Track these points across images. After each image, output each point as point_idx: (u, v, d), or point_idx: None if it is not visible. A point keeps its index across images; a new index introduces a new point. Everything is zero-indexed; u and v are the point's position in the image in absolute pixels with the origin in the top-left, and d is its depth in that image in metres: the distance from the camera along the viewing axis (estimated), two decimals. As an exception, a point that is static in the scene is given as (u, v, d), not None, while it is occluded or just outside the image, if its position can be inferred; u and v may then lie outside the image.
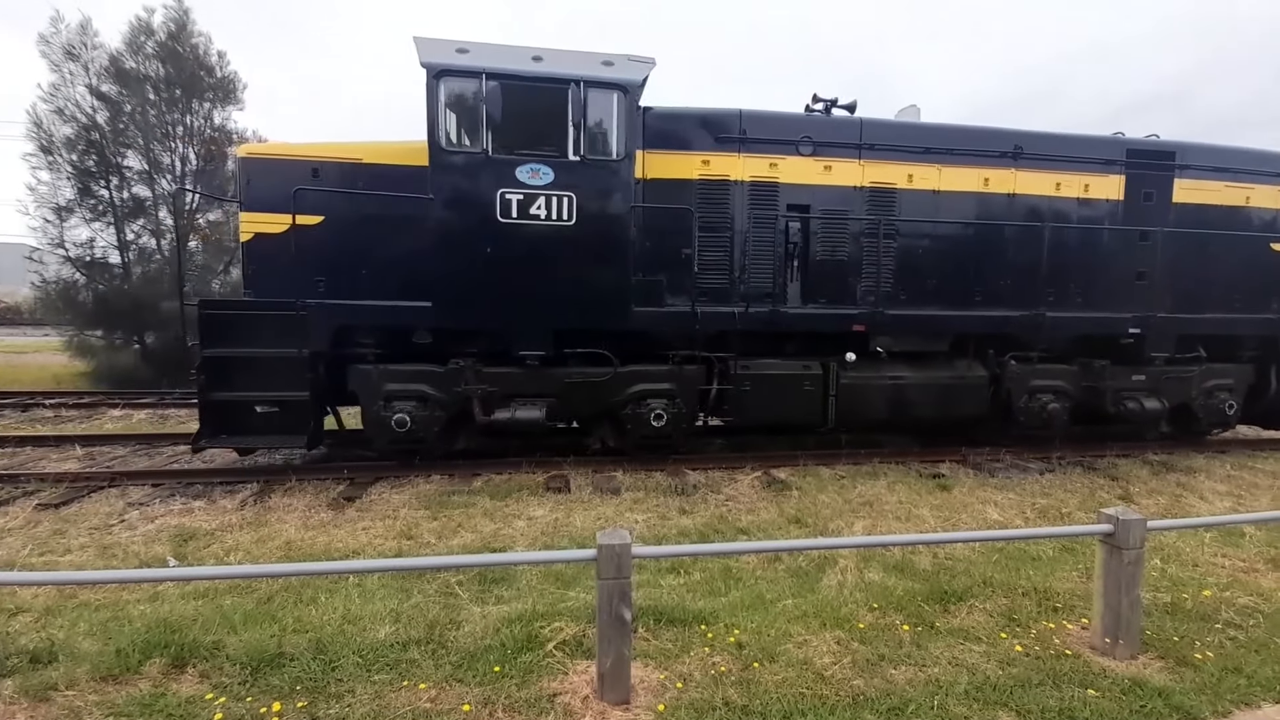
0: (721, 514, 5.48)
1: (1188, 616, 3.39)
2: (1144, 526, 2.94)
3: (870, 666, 2.84)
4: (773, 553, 4.22)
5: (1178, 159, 7.64)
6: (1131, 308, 7.44)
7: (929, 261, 7.13)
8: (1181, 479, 6.74)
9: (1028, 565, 4.12)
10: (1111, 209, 7.51)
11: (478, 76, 5.78)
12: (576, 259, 6.09)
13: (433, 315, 6.04)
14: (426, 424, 6.13)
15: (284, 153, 6.22)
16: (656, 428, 6.50)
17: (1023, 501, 5.88)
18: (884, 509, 5.65)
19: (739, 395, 6.70)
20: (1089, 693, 2.64)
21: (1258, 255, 7.78)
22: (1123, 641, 2.94)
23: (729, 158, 6.67)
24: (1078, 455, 7.52)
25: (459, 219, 5.93)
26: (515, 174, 5.89)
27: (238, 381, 5.81)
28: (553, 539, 4.78)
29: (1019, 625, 3.25)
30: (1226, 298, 7.71)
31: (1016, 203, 7.31)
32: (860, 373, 6.93)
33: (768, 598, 3.65)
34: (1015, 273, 7.21)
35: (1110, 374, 7.39)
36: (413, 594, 3.65)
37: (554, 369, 6.35)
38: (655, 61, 6.31)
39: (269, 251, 5.99)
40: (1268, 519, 4.20)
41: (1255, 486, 6.54)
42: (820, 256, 6.93)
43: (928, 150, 7.09)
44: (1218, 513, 5.49)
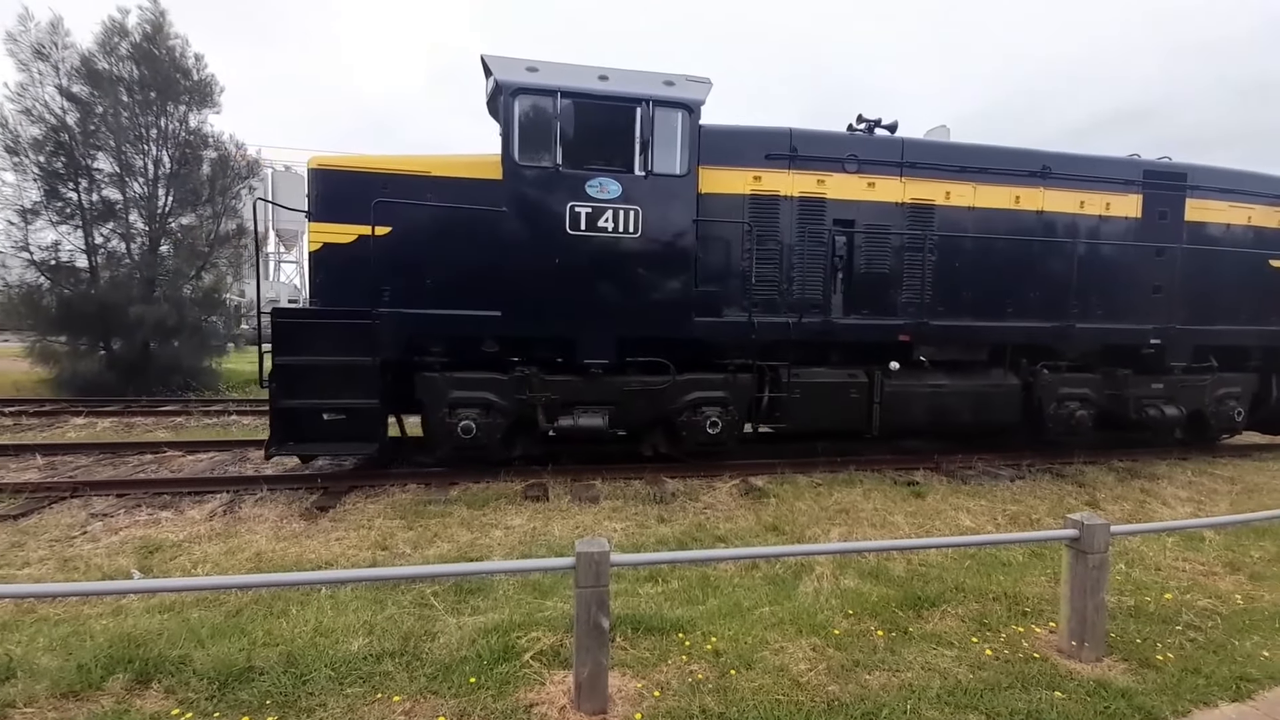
0: (700, 522, 5.50)
1: (1150, 619, 3.50)
2: (1108, 531, 3.03)
3: (845, 672, 2.88)
4: (750, 560, 4.25)
5: (1189, 180, 8.10)
6: (1152, 320, 7.83)
7: (966, 274, 7.40)
8: (1145, 485, 6.95)
9: (998, 570, 4.21)
10: (1130, 226, 7.89)
11: (552, 95, 6.02)
12: (641, 270, 6.36)
13: (502, 324, 6.19)
14: (489, 431, 6.23)
15: (354, 165, 6.33)
16: (712, 435, 6.65)
17: (994, 508, 6.00)
18: (860, 516, 5.73)
19: (790, 403, 6.89)
20: (1056, 695, 2.71)
21: (1259, 271, 8.29)
22: (1088, 644, 3.02)
23: (779, 174, 6.92)
24: (1046, 462, 7.72)
25: (530, 230, 6.15)
26: (585, 188, 6.16)
27: (307, 389, 5.83)
28: (530, 548, 4.75)
29: (990, 629, 3.32)
30: (1233, 311, 8.17)
31: (1045, 219, 7.66)
32: (903, 381, 7.17)
33: (745, 605, 3.67)
34: (1046, 286, 7.54)
35: (1132, 383, 7.75)
36: (387, 605, 3.59)
37: (613, 377, 6.52)
38: (712, 82, 6.64)
39: (337, 261, 6.06)
40: (1226, 523, 4.37)
41: (1214, 492, 6.77)
42: (865, 269, 7.19)
43: (963, 169, 7.43)
44: (1179, 518, 5.67)
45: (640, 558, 2.96)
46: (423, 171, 6.23)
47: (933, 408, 7.32)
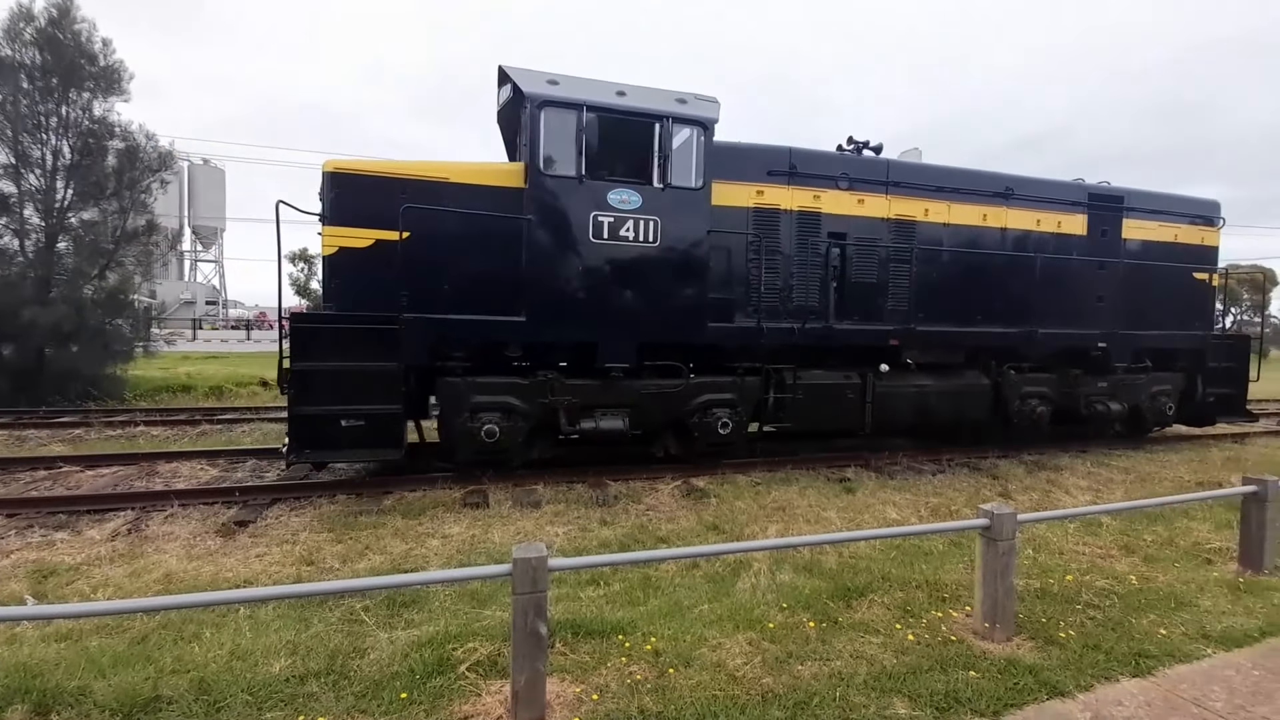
0: (642, 524, 5.53)
1: (1054, 600, 3.78)
2: (1015, 520, 3.26)
3: (779, 664, 2.96)
4: (690, 559, 4.30)
5: (1125, 202, 9.19)
6: (1098, 326, 8.84)
7: (944, 284, 8.09)
8: (1051, 476, 7.52)
9: (921, 559, 4.45)
10: (1078, 242, 8.88)
11: (578, 108, 6.26)
12: (659, 278, 6.62)
13: (528, 329, 6.32)
14: (512, 435, 6.32)
15: (371, 170, 6.27)
16: (723, 435, 6.99)
17: (918, 501, 6.34)
18: (796, 512, 5.91)
19: (794, 403, 7.33)
20: (970, 674, 2.88)
21: (1184, 282, 9.45)
22: (999, 625, 3.24)
23: (780, 189, 7.39)
24: (965, 457, 8.22)
25: (556, 238, 6.33)
26: (607, 198, 6.40)
27: (328, 395, 5.73)
28: (469, 556, 4.63)
29: (912, 616, 3.50)
30: (1163, 317, 9.23)
31: (1008, 236, 8.56)
32: (892, 382, 7.80)
33: (685, 604, 3.71)
34: (1011, 295, 8.35)
35: (1083, 382, 8.76)
36: (313, 623, 3.42)
37: (631, 381, 6.75)
38: (719, 101, 7.01)
39: (353, 266, 6.02)
40: (1121, 509, 4.78)
41: (1111, 481, 7.40)
42: (856, 278, 7.71)
43: (940, 189, 8.17)
44: (1080, 505, 6.16)
45: (579, 561, 2.95)
46: (441, 178, 6.25)
47: (918, 406, 7.96)
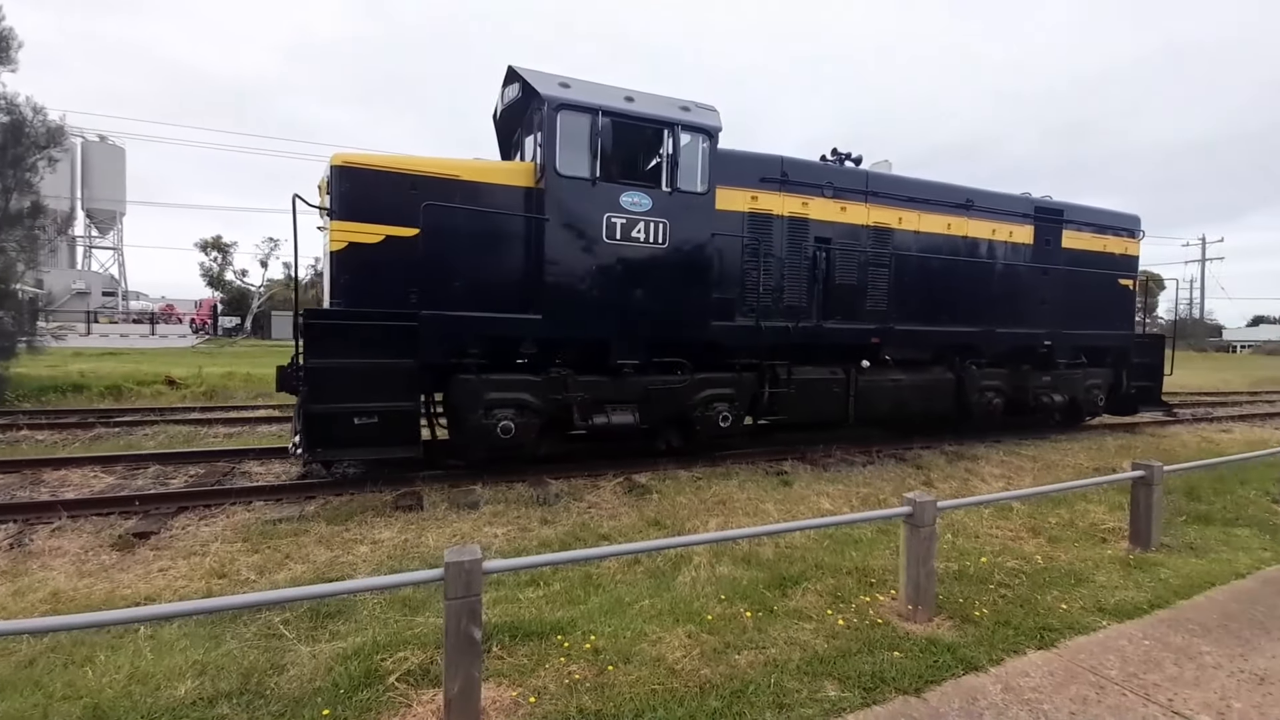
0: (584, 521, 5.48)
1: (971, 581, 4.02)
2: (935, 507, 3.44)
3: (717, 655, 3.00)
4: (628, 555, 4.30)
5: (1065, 215, 10.19)
6: (1043, 325, 9.79)
7: (917, 287, 8.71)
8: (969, 465, 8.03)
9: (851, 547, 4.64)
10: (1026, 251, 9.83)
11: (593, 113, 6.38)
12: (668, 278, 6.84)
13: (544, 327, 6.40)
14: (526, 430, 6.38)
15: (382, 164, 6.14)
16: (724, 428, 7.33)
17: (849, 491, 6.61)
18: (735, 506, 6.03)
19: (787, 397, 7.74)
20: (894, 654, 3.02)
21: (1112, 288, 10.63)
22: (922, 607, 3.41)
23: (773, 195, 7.76)
24: (893, 449, 8.65)
25: (570, 238, 6.40)
26: (619, 200, 6.56)
27: (343, 392, 5.58)
28: (401, 562, 4.44)
29: (843, 602, 3.63)
30: (1096, 318, 10.29)
31: (969, 244, 9.33)
32: (872, 377, 8.32)
33: (626, 601, 3.70)
34: (973, 297, 9.20)
35: (1031, 376, 9.69)
36: (225, 641, 3.17)
37: (639, 377, 6.95)
38: (718, 110, 7.26)
39: (362, 261, 5.93)
40: (1029, 494, 5.14)
41: (1020, 469, 7.99)
42: (840, 280, 8.17)
43: (911, 199, 8.82)
44: (994, 492, 6.61)
45: (516, 563, 2.86)
46: (453, 175, 6.28)
47: (894, 399, 8.55)
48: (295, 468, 7.03)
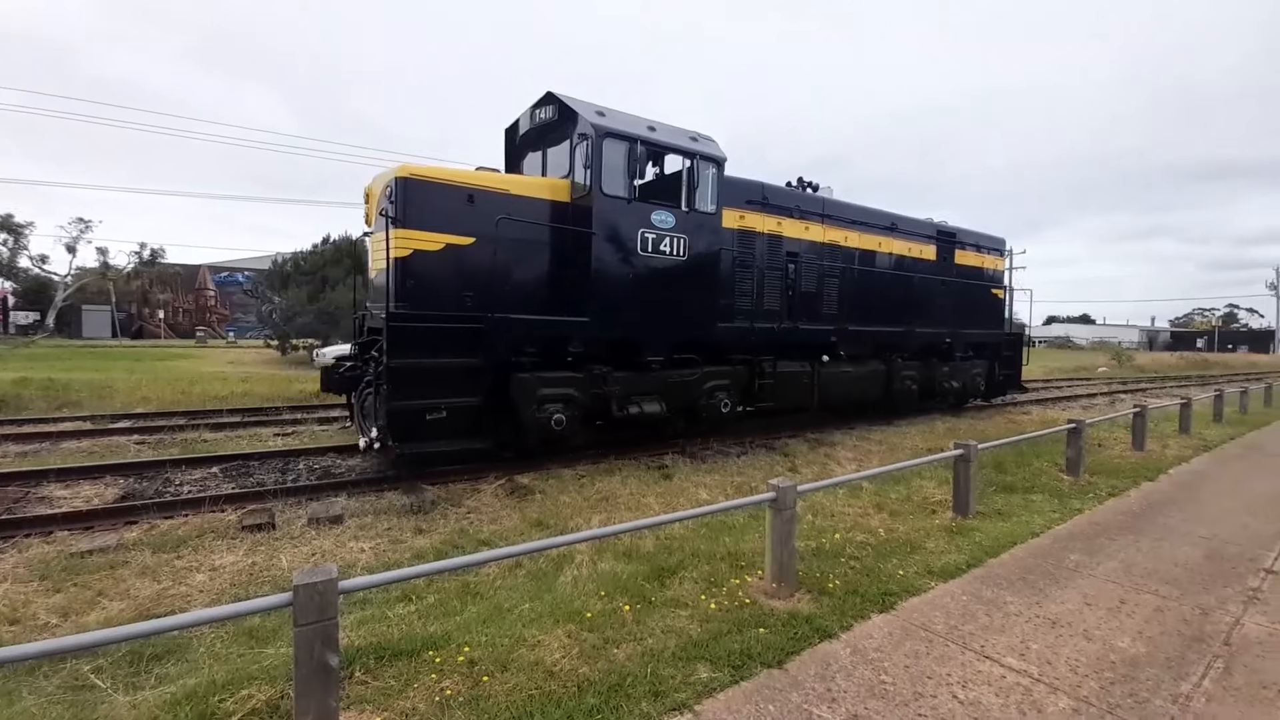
0: (462, 528, 5.27)
1: (826, 556, 4.42)
2: (795, 491, 3.74)
3: (596, 652, 3.03)
4: (508, 559, 4.20)
5: (957, 237, 12.76)
6: (945, 326, 12.20)
7: (859, 294, 10.56)
8: (827, 451, 8.82)
9: (725, 534, 4.91)
10: (931, 266, 12.11)
11: (631, 141, 7.26)
12: (686, 287, 7.86)
13: (591, 328, 7.15)
14: (573, 422, 6.98)
15: (442, 177, 6.64)
16: (724, 414, 8.44)
17: (725, 481, 6.98)
18: (618, 501, 6.12)
19: (771, 387, 9.01)
20: (760, 631, 3.25)
21: (987, 297, 13.54)
22: (784, 584, 3.70)
23: (756, 215, 9.10)
24: (764, 439, 9.27)
25: (612, 250, 7.19)
26: (650, 218, 7.47)
27: (420, 390, 5.99)
28: (248, 589, 3.99)
29: (716, 586, 3.83)
30: (977, 321, 13.08)
31: (894, 259, 11.39)
32: (831, 369, 9.96)
33: (506, 607, 3.61)
34: (899, 302, 11.28)
35: (936, 367, 12.01)
36: (20, 697, 2.66)
37: (660, 372, 7.87)
38: (716, 140, 8.39)
39: (424, 268, 6.36)
40: (875, 474, 5.74)
41: (870, 452, 8.91)
42: (805, 289, 9.81)
43: (854, 221, 10.67)
44: (847, 473, 7.31)
45: (377, 579, 2.67)
46: (503, 189, 6.91)
47: (846, 387, 10.23)
48: (113, 489, 6.06)
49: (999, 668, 2.98)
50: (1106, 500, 6.10)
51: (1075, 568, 4.29)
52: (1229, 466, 7.86)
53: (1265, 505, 6.00)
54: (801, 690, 2.76)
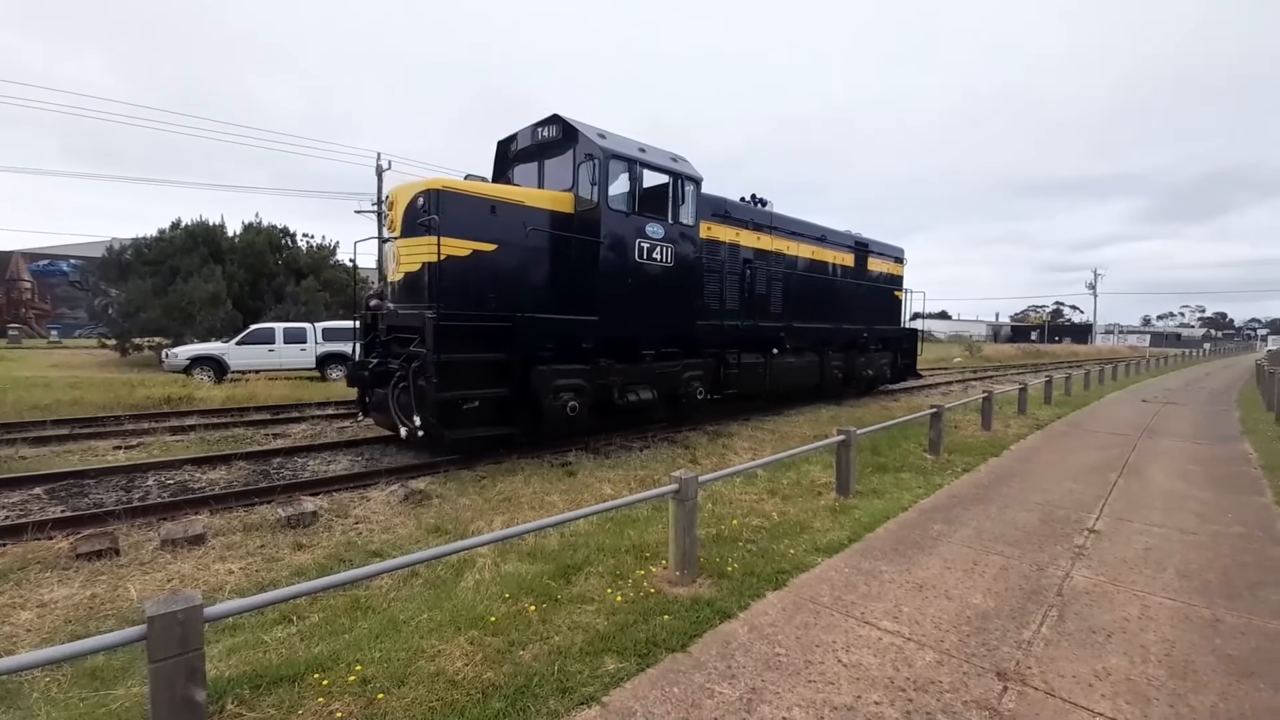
0: (350, 540, 4.91)
1: (725, 541, 4.62)
2: (696, 481, 3.88)
3: (501, 655, 2.95)
4: (402, 569, 3.98)
5: (869, 247, 14.79)
6: (862, 323, 14.21)
7: (800, 295, 12.23)
8: (725, 442, 9.20)
9: (630, 527, 4.97)
10: (850, 271, 14.02)
11: (630, 162, 8.24)
12: (672, 289, 8.91)
13: (599, 327, 8.01)
14: (582, 409, 7.79)
15: (471, 190, 7.36)
16: (699, 400, 9.60)
17: (629, 475, 7.06)
18: (521, 501, 6.00)
19: (736, 376, 10.34)
20: (665, 618, 3.33)
21: (890, 298, 15.71)
22: (687, 571, 3.82)
23: (720, 227, 10.38)
24: (665, 433, 9.50)
25: (616, 257, 8.11)
26: (645, 229, 8.46)
27: (459, 382, 6.75)
28: (88, 624, 3.46)
29: (622, 579, 3.87)
30: (883, 319, 15.24)
31: (824, 265, 13.27)
32: (780, 360, 11.48)
33: (402, 619, 3.42)
34: (829, 303, 13.13)
35: (856, 358, 14.05)
36: None
37: (651, 364, 8.86)
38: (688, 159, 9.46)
39: (455, 271, 6.94)
40: (767, 462, 6.06)
41: (763, 442, 9.40)
42: (759, 291, 11.24)
43: (793, 233, 12.26)
44: (743, 463, 7.69)
45: (247, 602, 2.40)
46: (518, 200, 7.67)
47: (791, 376, 11.85)
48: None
49: (876, 630, 3.28)
50: (962, 475, 6.90)
51: (938, 536, 4.81)
52: (1057, 442, 9.19)
53: (1086, 474, 7.08)
54: (704, 670, 2.87)
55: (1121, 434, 9.94)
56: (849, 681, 2.80)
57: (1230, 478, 6.99)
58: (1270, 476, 7.02)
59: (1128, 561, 4.34)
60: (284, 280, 24.27)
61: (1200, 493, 6.29)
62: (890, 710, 2.59)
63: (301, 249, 27.04)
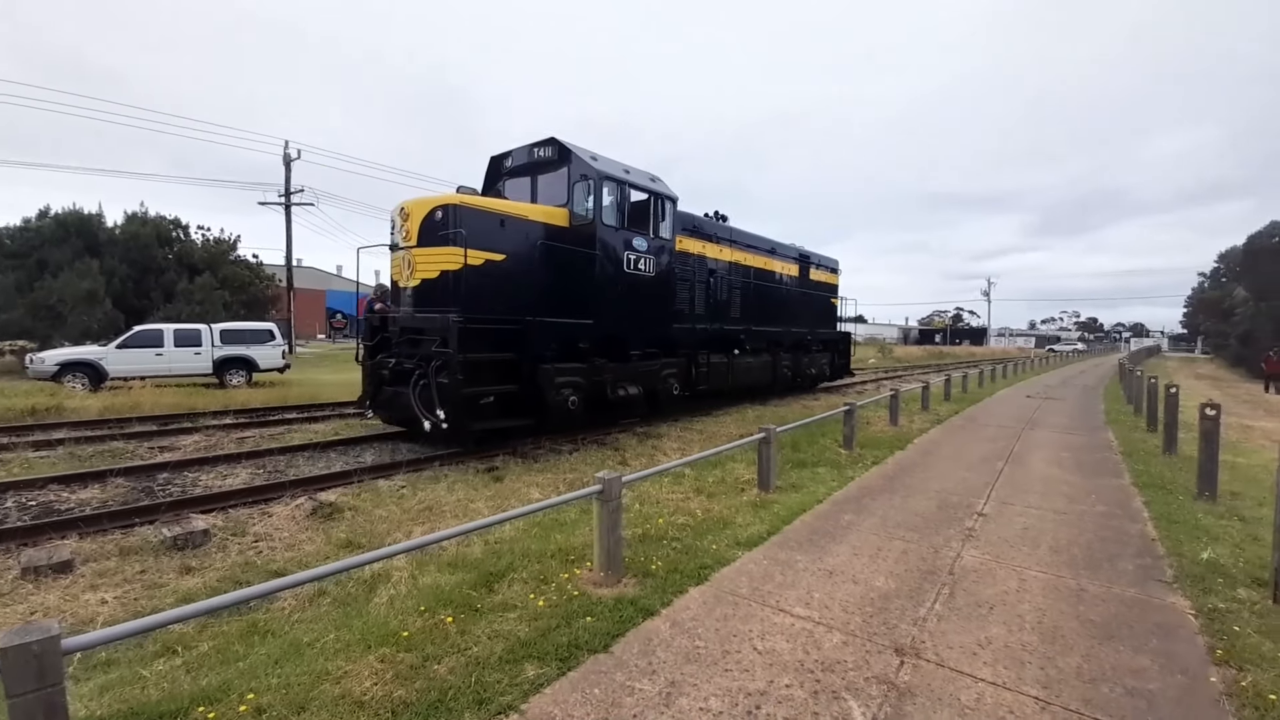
0: (248, 560, 4.57)
1: (650, 540, 4.67)
2: (621, 482, 3.89)
3: (414, 671, 2.83)
4: (312, 584, 3.75)
5: (811, 259, 16.49)
6: (807, 327, 16.08)
7: (756, 302, 13.64)
8: (655, 443, 9.31)
9: (557, 530, 4.92)
10: (795, 280, 15.74)
11: (620, 183, 9.36)
12: (654, 296, 10.13)
13: (594, 329, 9.06)
14: (580, 403, 8.68)
15: (485, 205, 8.35)
16: (675, 394, 10.83)
17: (558, 478, 7.00)
18: (444, 510, 5.80)
19: (705, 374, 11.70)
20: (588, 620, 3.32)
21: (827, 304, 17.61)
22: (612, 571, 3.83)
23: (690, 240, 11.60)
24: (595, 435, 9.48)
25: (609, 267, 9.23)
26: (632, 242, 9.61)
27: (478, 380, 7.60)
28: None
29: (546, 583, 3.82)
30: (822, 323, 17.19)
31: (774, 275, 14.74)
32: (740, 360, 12.93)
33: (305, 641, 3.21)
34: (779, 309, 14.67)
35: (802, 358, 15.87)
36: None
37: (636, 363, 9.86)
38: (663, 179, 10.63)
39: (472, 278, 7.76)
40: (693, 460, 6.19)
41: (691, 442, 9.59)
42: (722, 298, 12.62)
43: (749, 246, 13.73)
44: (671, 462, 7.79)
45: (113, 631, 2.16)
46: (522, 215, 8.56)
47: (750, 374, 13.29)
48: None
49: (790, 617, 3.42)
50: (871, 468, 7.34)
51: (848, 525, 5.09)
52: (954, 435, 9.96)
53: (978, 463, 7.72)
54: (625, 669, 2.88)
55: (1008, 427, 10.92)
56: (763, 668, 2.90)
57: (1095, 463, 7.85)
58: (1128, 461, 7.95)
59: (1009, 540, 4.77)
60: (175, 277, 22.21)
61: (1071, 477, 7.02)
62: (799, 692, 2.71)
63: (196, 242, 24.86)
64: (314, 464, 7.51)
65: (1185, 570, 4.16)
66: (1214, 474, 6.12)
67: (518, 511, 3.69)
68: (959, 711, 2.59)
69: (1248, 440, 11.32)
